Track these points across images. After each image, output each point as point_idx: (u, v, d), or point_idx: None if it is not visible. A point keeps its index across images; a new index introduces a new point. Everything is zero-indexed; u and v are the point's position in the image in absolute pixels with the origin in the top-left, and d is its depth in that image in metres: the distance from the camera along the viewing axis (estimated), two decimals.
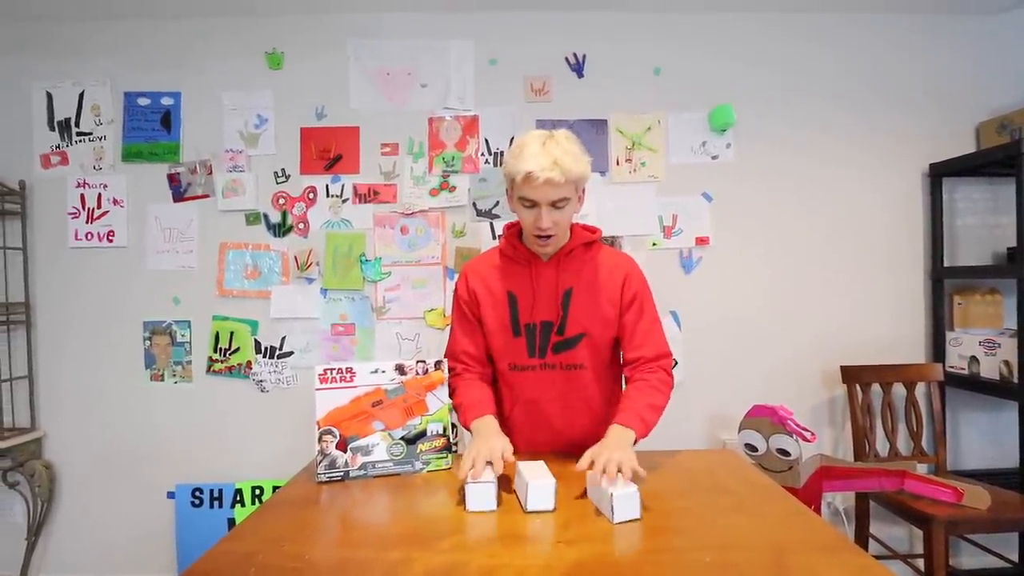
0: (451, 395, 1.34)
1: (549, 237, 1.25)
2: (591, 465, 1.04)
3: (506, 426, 1.35)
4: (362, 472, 1.20)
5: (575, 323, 1.31)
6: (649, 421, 1.23)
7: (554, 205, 1.21)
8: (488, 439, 1.15)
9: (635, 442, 1.18)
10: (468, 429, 1.27)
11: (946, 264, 2.27)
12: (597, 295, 1.32)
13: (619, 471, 1.00)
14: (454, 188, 2.31)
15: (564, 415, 1.35)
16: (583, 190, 1.29)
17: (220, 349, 2.31)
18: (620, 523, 0.94)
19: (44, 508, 2.26)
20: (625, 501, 0.94)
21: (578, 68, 2.33)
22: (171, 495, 2.29)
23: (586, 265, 1.33)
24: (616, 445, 1.10)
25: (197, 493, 2.27)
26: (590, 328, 1.31)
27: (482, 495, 1.00)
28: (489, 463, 1.06)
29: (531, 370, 1.34)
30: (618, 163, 2.32)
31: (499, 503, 1.02)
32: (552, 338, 1.32)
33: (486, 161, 2.32)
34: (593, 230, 1.37)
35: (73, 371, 2.32)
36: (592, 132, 2.32)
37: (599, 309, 1.31)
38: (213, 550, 0.87)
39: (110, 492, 2.32)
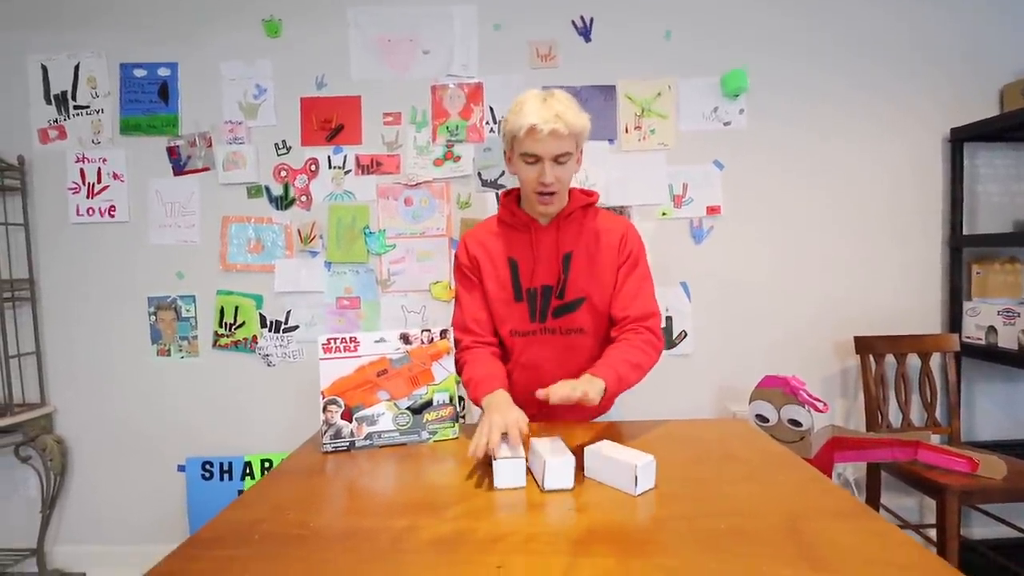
0: (459, 371, 1.31)
1: (551, 195, 1.25)
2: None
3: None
4: (368, 442, 1.18)
5: (575, 287, 1.30)
6: (625, 377, 1.20)
7: (556, 160, 1.22)
8: (501, 410, 1.11)
9: (604, 392, 1.14)
10: (478, 405, 1.23)
11: (965, 232, 2.21)
12: (597, 258, 1.31)
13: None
14: (458, 158, 2.27)
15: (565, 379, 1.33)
16: (582, 150, 1.29)
17: (225, 324, 2.30)
18: (642, 493, 0.92)
19: (57, 482, 2.28)
20: (645, 471, 0.92)
21: (585, 32, 2.26)
22: (181, 468, 2.30)
23: (585, 228, 1.33)
24: (578, 382, 1.09)
25: (207, 466, 2.28)
26: (590, 292, 1.30)
27: (511, 471, 0.96)
28: (504, 435, 1.02)
29: (532, 335, 1.33)
30: (627, 131, 2.26)
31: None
32: (552, 302, 1.31)
33: (491, 130, 2.27)
34: (590, 193, 1.36)
35: (80, 347, 2.32)
36: (600, 99, 2.26)
37: (599, 272, 1.31)
38: (218, 518, 0.86)
39: (121, 466, 2.33)
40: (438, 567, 0.71)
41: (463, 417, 2.23)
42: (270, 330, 2.30)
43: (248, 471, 2.26)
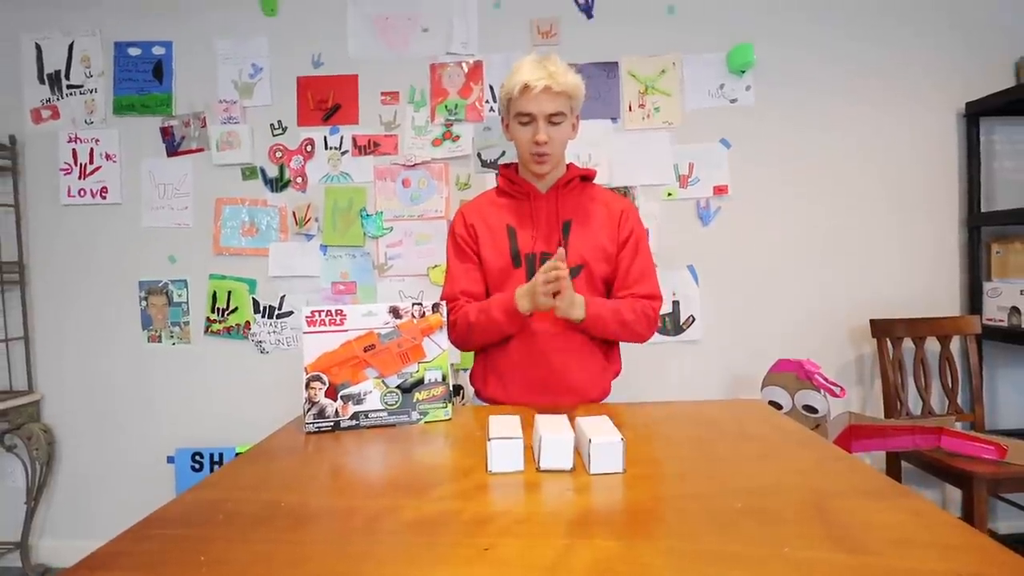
0: (460, 327, 1.30)
1: (546, 155, 1.26)
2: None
3: (503, 364, 1.31)
4: (354, 422, 1.10)
5: (575, 254, 1.29)
6: (605, 317, 1.25)
7: (550, 120, 1.23)
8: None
9: (581, 314, 1.22)
10: (509, 314, 1.23)
11: (983, 210, 2.11)
12: (596, 228, 1.31)
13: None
14: (457, 138, 2.19)
15: (562, 352, 1.29)
16: (577, 117, 1.31)
17: (218, 309, 2.23)
18: (597, 473, 0.83)
19: (43, 472, 2.21)
20: (601, 451, 0.83)
21: (587, 8, 2.18)
22: (171, 460, 2.23)
23: (584, 197, 1.34)
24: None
25: (197, 457, 2.21)
26: (589, 260, 1.30)
27: (507, 453, 0.86)
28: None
29: None
30: (630, 109, 2.18)
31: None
32: None
33: (491, 109, 2.19)
34: (588, 169, 1.38)
35: (70, 332, 2.26)
36: (603, 76, 2.17)
37: (598, 242, 1.31)
38: (180, 498, 0.78)
39: (110, 456, 2.27)
40: (416, 548, 0.63)
41: (462, 395, 2.16)
42: (263, 316, 2.23)
43: None
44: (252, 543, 0.65)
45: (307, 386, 1.09)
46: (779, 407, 1.77)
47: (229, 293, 2.22)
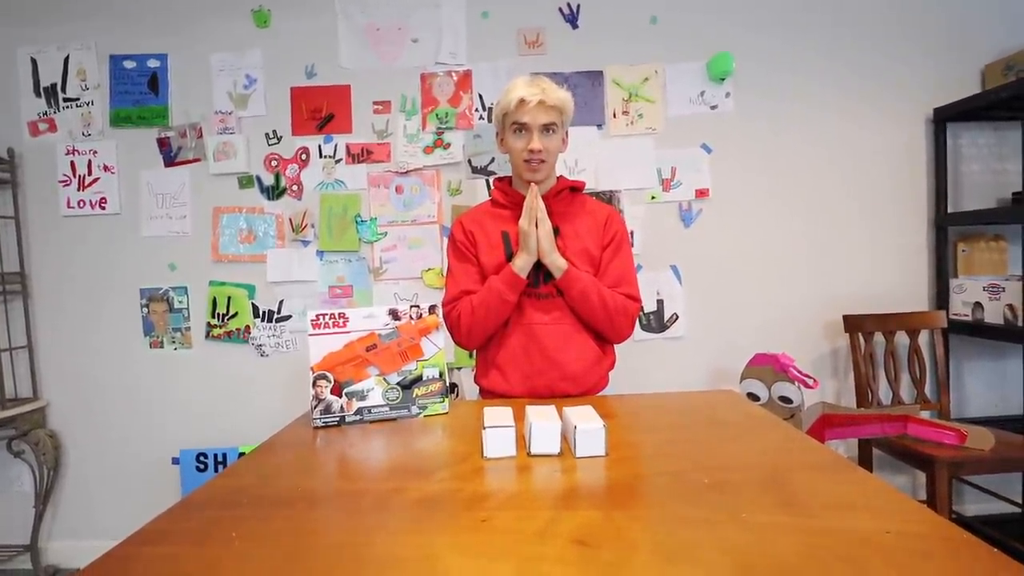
0: (462, 318, 1.39)
1: (540, 163, 1.35)
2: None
3: (502, 357, 1.41)
4: (358, 417, 1.19)
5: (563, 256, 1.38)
6: (587, 284, 1.33)
7: (544, 130, 1.34)
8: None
9: (563, 263, 1.34)
10: (505, 278, 1.34)
11: (950, 211, 2.23)
12: (583, 234, 1.41)
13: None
14: (448, 145, 2.27)
15: (558, 343, 1.38)
16: (567, 131, 1.42)
17: (218, 314, 2.30)
18: (582, 456, 0.92)
19: (51, 476, 2.28)
20: (586, 436, 0.92)
21: (572, 19, 2.27)
22: (176, 461, 2.30)
23: (573, 206, 1.45)
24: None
25: (201, 458, 2.28)
26: (576, 263, 1.38)
27: (501, 440, 0.95)
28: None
29: (525, 297, 1.39)
30: (615, 116, 2.27)
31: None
32: (543, 270, 1.38)
33: (480, 117, 2.28)
34: (577, 181, 1.48)
35: (73, 340, 2.32)
36: (588, 84, 2.27)
37: (584, 246, 1.40)
38: (208, 485, 0.86)
39: (115, 459, 2.33)
40: (423, 520, 0.71)
41: (457, 391, 2.25)
42: (263, 320, 2.30)
43: None
44: (276, 520, 0.73)
45: (314, 384, 1.17)
46: (757, 398, 1.88)
47: (229, 299, 2.29)
